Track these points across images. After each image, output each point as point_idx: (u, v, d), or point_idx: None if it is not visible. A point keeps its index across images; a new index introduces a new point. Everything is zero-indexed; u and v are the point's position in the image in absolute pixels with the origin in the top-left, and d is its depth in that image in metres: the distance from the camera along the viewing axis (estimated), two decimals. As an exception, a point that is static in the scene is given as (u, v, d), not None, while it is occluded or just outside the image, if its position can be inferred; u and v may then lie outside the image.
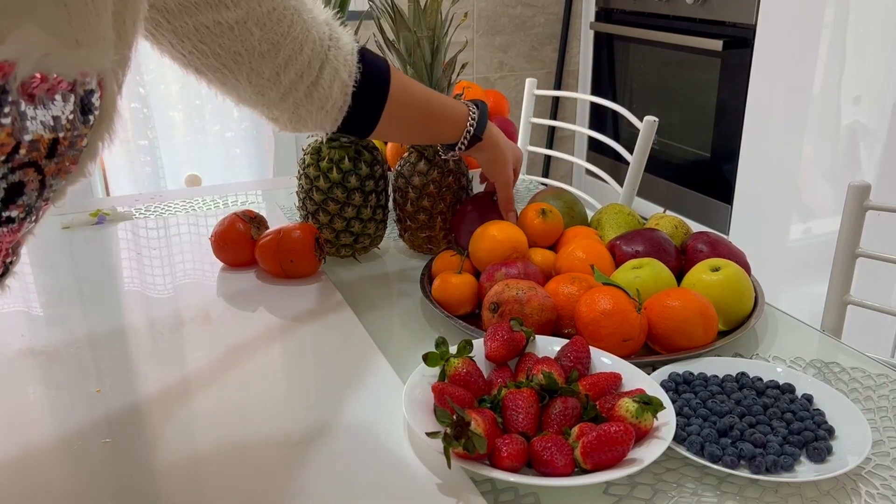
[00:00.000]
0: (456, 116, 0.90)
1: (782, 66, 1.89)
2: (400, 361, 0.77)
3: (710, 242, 0.89)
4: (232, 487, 0.60)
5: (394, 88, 0.82)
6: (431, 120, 0.88)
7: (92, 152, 0.46)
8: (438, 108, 0.89)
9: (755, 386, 0.70)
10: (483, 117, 0.91)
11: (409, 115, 0.86)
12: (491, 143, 0.94)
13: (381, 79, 0.81)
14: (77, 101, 0.41)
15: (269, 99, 0.76)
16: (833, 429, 0.64)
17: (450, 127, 0.90)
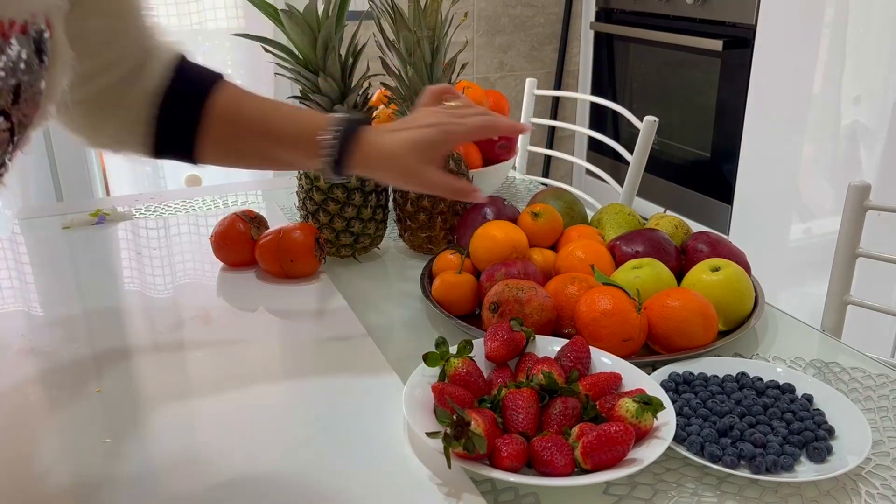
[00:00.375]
0: (308, 136, 0.71)
1: (782, 66, 1.89)
2: (400, 361, 0.77)
3: (710, 242, 0.89)
4: (232, 487, 0.59)
5: (219, 103, 0.71)
6: (271, 142, 0.73)
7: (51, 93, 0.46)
8: (282, 126, 0.73)
9: (755, 386, 0.70)
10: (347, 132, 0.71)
11: (239, 135, 0.73)
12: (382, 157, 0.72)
13: (195, 91, 0.71)
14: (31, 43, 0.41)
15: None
16: (833, 429, 0.64)
17: (301, 151, 0.72)
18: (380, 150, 0.71)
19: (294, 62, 0.93)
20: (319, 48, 0.90)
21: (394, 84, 0.97)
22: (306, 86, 0.94)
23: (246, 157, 0.75)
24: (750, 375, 0.72)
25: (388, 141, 0.72)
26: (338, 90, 0.93)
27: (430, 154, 0.72)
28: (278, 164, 0.78)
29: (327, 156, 0.71)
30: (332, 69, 0.92)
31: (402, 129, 0.72)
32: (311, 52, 0.91)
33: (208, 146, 0.72)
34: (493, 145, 1.20)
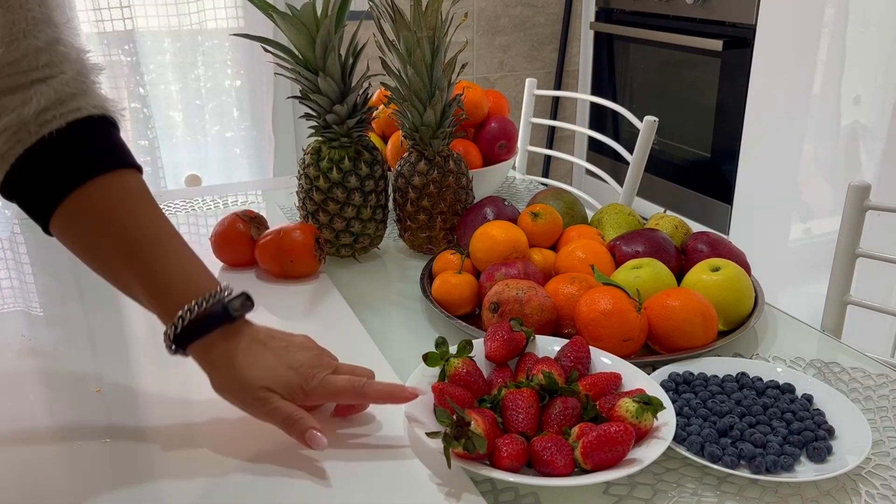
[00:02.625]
0: (165, 294, 0.62)
1: (782, 66, 1.89)
2: (400, 361, 0.77)
3: (710, 242, 0.89)
4: (232, 487, 0.59)
5: (100, 190, 0.60)
6: (129, 268, 0.62)
7: None
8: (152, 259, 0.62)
9: (755, 386, 0.70)
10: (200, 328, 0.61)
11: (96, 239, 0.62)
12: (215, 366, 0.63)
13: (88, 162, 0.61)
14: None
15: None
16: (833, 429, 0.64)
17: (151, 303, 0.63)
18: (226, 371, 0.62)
19: (294, 62, 0.93)
20: (319, 48, 0.90)
21: (394, 84, 0.97)
22: (306, 86, 0.94)
23: (97, 260, 0.64)
24: (750, 375, 0.72)
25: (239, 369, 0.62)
26: (337, 90, 0.93)
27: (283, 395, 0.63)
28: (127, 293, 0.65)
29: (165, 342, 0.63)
30: (331, 69, 0.92)
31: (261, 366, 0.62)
32: (310, 52, 0.91)
33: (64, 229, 0.62)
34: (493, 145, 1.20)
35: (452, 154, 1.02)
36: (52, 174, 0.60)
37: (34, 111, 0.59)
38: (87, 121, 0.61)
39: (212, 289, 0.63)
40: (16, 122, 0.59)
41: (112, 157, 0.62)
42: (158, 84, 2.24)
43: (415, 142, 1.00)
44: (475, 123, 1.22)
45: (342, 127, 0.95)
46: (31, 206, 0.62)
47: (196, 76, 2.26)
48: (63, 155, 0.60)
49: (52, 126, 0.60)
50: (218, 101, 2.32)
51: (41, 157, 0.60)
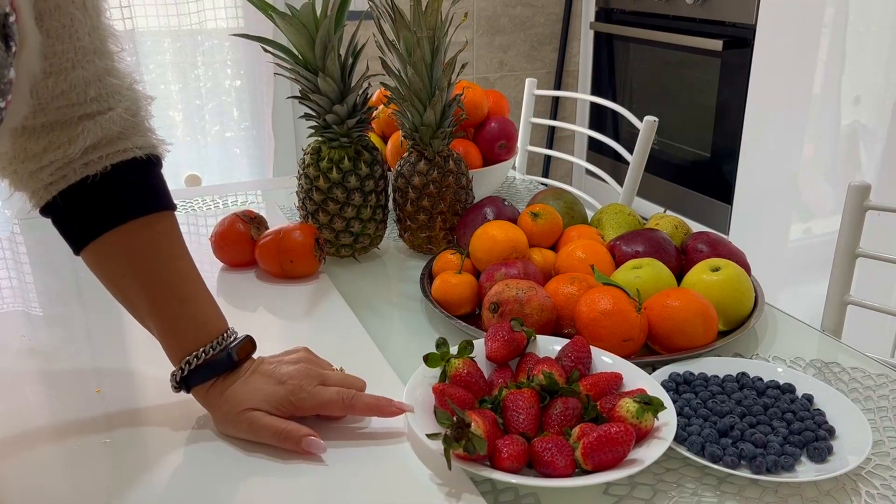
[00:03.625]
0: (177, 342, 0.65)
1: (782, 66, 1.89)
2: (400, 361, 0.77)
3: (710, 242, 0.89)
4: (231, 488, 0.59)
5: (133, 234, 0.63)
6: (148, 314, 0.66)
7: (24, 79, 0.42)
8: (165, 311, 0.65)
9: (755, 386, 0.70)
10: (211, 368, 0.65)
11: (123, 280, 0.65)
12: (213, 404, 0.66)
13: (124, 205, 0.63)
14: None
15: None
16: (833, 429, 0.64)
17: (165, 346, 0.66)
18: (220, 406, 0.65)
19: (293, 62, 0.93)
20: (318, 48, 0.90)
21: (394, 84, 0.97)
22: (306, 86, 0.94)
23: (122, 297, 0.67)
24: (750, 375, 0.72)
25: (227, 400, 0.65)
26: (337, 90, 0.93)
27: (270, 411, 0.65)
28: (145, 326, 0.68)
29: (172, 382, 0.66)
30: (331, 69, 0.92)
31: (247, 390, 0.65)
32: (310, 52, 0.91)
33: (94, 260, 0.66)
34: (493, 145, 1.20)
35: (452, 154, 1.02)
36: (90, 212, 0.63)
37: (80, 150, 0.60)
38: (131, 163, 0.63)
39: (219, 334, 0.66)
40: (61, 159, 0.60)
41: (149, 200, 0.65)
42: (158, 84, 2.24)
43: (415, 142, 1.00)
44: (475, 123, 1.22)
45: (342, 127, 0.95)
46: (65, 232, 0.66)
47: (196, 76, 2.26)
48: (103, 197, 0.62)
49: (95, 168, 0.61)
50: (218, 101, 2.32)
51: (82, 196, 0.62)
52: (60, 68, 0.57)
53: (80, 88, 0.59)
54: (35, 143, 0.60)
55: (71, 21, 0.56)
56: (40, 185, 0.62)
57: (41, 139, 0.60)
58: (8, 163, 0.63)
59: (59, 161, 0.60)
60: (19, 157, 0.61)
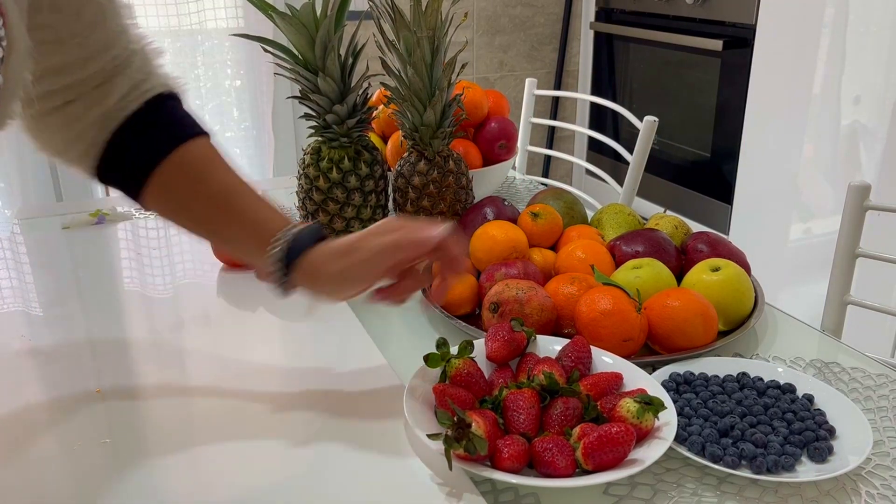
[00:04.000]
0: (258, 234, 0.66)
1: (782, 66, 1.89)
2: (400, 362, 0.77)
3: (710, 242, 0.89)
4: (232, 488, 0.59)
5: (185, 158, 0.66)
6: (223, 224, 0.68)
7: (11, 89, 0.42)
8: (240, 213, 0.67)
9: (756, 386, 0.70)
10: (300, 241, 0.65)
11: (192, 200, 0.67)
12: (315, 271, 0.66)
13: (169, 134, 0.66)
14: None
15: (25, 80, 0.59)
16: (834, 429, 0.64)
17: (249, 246, 0.67)
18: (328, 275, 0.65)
19: (293, 62, 0.93)
20: (318, 48, 0.90)
21: (394, 84, 0.97)
22: (306, 86, 0.94)
23: (193, 222, 0.69)
24: (751, 375, 0.72)
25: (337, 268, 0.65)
26: (337, 90, 0.93)
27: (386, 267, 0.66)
28: (223, 245, 0.73)
29: (273, 265, 0.66)
30: (331, 69, 0.92)
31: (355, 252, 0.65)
32: (310, 53, 0.91)
33: (158, 196, 0.67)
34: (493, 145, 1.20)
35: (452, 154, 1.02)
36: (141, 150, 0.66)
37: (116, 100, 0.64)
38: (159, 98, 0.67)
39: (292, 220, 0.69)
40: (102, 114, 0.65)
41: (189, 126, 0.69)
42: (158, 84, 2.24)
43: (415, 142, 1.00)
44: (475, 123, 1.22)
45: (342, 127, 0.95)
46: (124, 181, 0.68)
47: (196, 76, 2.25)
48: (147, 130, 0.66)
49: (131, 108, 0.65)
50: (218, 101, 2.32)
51: (129, 135, 0.66)
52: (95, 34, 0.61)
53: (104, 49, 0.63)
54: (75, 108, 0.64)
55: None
56: (87, 144, 0.65)
57: (78, 104, 0.64)
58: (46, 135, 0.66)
59: (100, 117, 0.64)
60: (57, 128, 0.65)
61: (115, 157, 0.66)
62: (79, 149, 0.66)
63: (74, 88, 0.64)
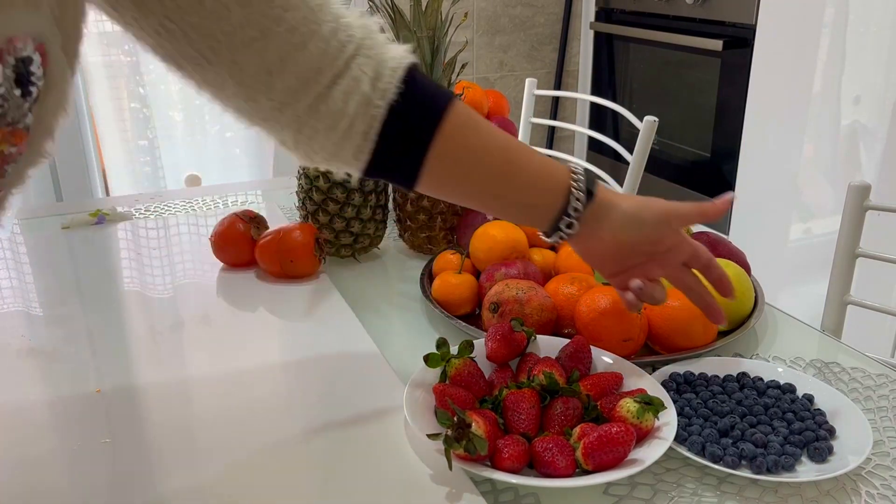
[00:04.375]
0: (548, 173, 0.66)
1: (782, 66, 1.89)
2: (400, 361, 0.77)
3: (710, 242, 0.89)
4: (232, 488, 0.59)
5: (452, 125, 0.62)
6: (509, 179, 0.66)
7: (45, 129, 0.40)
8: (522, 160, 0.66)
9: (756, 386, 0.70)
10: (590, 181, 0.67)
11: (474, 163, 0.65)
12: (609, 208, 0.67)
13: (430, 107, 0.62)
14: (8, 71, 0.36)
15: (262, 108, 0.60)
16: (834, 429, 0.64)
17: (540, 188, 0.66)
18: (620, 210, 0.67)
19: (294, 62, 0.93)
20: (319, 48, 0.90)
21: (394, 84, 0.96)
22: (306, 86, 0.94)
23: (476, 189, 0.67)
24: (751, 375, 0.72)
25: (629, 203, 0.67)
26: (338, 90, 0.93)
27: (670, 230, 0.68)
28: (504, 207, 0.69)
29: (572, 204, 0.65)
30: (332, 69, 0.92)
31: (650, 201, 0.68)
32: (311, 52, 0.91)
33: (436, 171, 0.63)
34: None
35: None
36: (410, 131, 0.62)
37: (369, 83, 0.60)
38: (406, 73, 0.61)
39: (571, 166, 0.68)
40: (362, 102, 0.60)
41: (443, 92, 0.64)
42: (158, 84, 2.24)
43: (415, 142, 1.00)
44: (475, 123, 1.21)
45: (342, 127, 0.95)
46: (398, 167, 0.64)
47: (196, 76, 2.25)
48: (413, 109, 0.62)
49: (391, 93, 0.60)
50: (218, 101, 2.32)
51: (397, 118, 0.61)
52: (309, 34, 0.57)
53: (334, 38, 0.58)
54: (329, 105, 0.60)
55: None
56: (358, 138, 0.61)
57: (333, 101, 0.60)
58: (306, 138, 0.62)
59: (361, 105, 0.60)
60: (322, 131, 0.61)
61: (386, 146, 0.62)
62: (349, 145, 0.62)
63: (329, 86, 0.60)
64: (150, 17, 0.54)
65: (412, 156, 0.63)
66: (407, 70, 0.61)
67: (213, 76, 0.57)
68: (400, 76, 0.61)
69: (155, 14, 0.54)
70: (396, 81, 0.60)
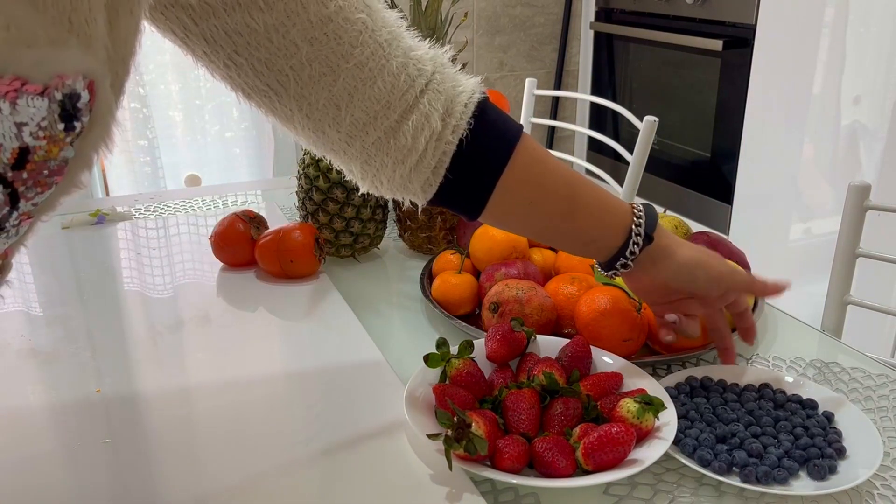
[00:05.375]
0: (610, 212, 0.66)
1: (782, 66, 1.89)
2: (400, 361, 0.77)
3: (710, 242, 0.89)
4: (231, 488, 0.59)
5: (521, 159, 0.63)
6: (572, 214, 0.66)
7: (83, 162, 0.41)
8: (586, 196, 0.66)
9: (775, 398, 0.68)
10: (652, 217, 0.67)
11: (539, 198, 0.65)
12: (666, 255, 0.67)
13: (500, 141, 0.62)
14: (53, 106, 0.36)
15: (330, 140, 0.60)
16: (844, 449, 0.62)
17: (601, 226, 0.67)
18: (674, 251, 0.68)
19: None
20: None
21: (394, 84, 0.97)
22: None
23: (540, 222, 0.67)
24: (773, 387, 0.70)
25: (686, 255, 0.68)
26: (338, 90, 0.93)
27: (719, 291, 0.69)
28: (564, 239, 0.69)
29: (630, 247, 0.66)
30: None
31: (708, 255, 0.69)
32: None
33: (501, 203, 0.64)
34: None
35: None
36: (479, 167, 0.62)
37: (439, 119, 0.60)
38: (477, 107, 0.62)
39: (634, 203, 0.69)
40: (432, 137, 0.60)
41: (513, 125, 0.64)
42: (158, 84, 2.24)
43: (415, 142, 1.00)
44: (475, 123, 1.21)
45: (342, 127, 0.95)
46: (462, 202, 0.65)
47: (196, 76, 2.26)
48: (480, 146, 0.62)
49: (462, 129, 0.61)
50: (218, 101, 2.32)
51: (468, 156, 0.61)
52: (378, 69, 0.57)
53: (403, 72, 0.59)
54: (399, 140, 0.60)
55: (364, 26, 0.56)
56: (427, 172, 0.61)
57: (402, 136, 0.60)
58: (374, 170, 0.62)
59: (433, 139, 0.60)
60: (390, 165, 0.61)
61: (455, 180, 0.62)
62: (418, 178, 0.62)
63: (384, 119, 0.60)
64: (219, 52, 0.55)
65: (480, 189, 0.63)
66: (478, 105, 0.61)
67: (282, 108, 0.58)
68: (472, 111, 0.61)
69: (224, 49, 0.55)
70: (468, 117, 0.61)
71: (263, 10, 0.53)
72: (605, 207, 0.66)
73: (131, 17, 0.41)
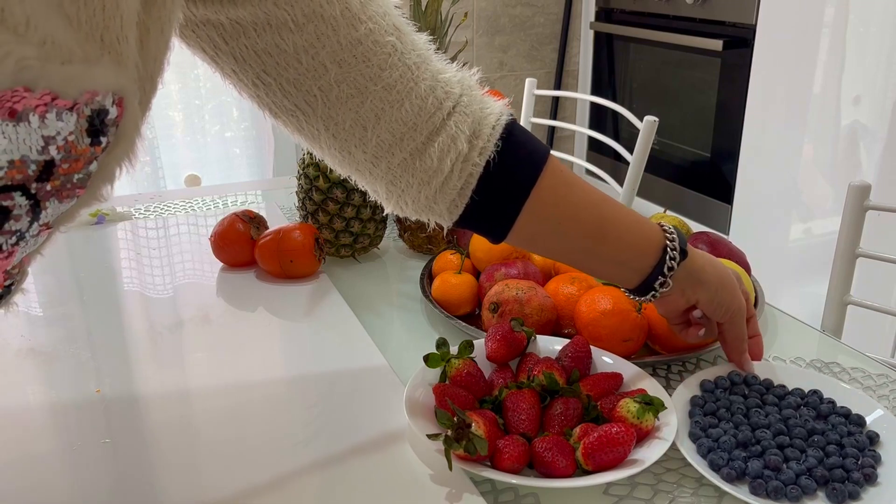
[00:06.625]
0: (641, 232, 0.65)
1: (782, 66, 1.89)
2: (400, 361, 0.77)
3: (710, 242, 0.89)
4: (231, 488, 0.59)
5: (548, 182, 0.62)
6: (602, 236, 0.65)
7: (106, 176, 0.41)
8: (615, 218, 0.65)
9: (819, 408, 0.65)
10: (682, 240, 0.66)
11: (567, 220, 0.64)
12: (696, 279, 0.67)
13: (527, 163, 0.62)
14: (81, 121, 0.36)
15: (356, 160, 0.60)
16: (876, 475, 0.57)
17: (633, 246, 0.65)
18: (703, 272, 0.67)
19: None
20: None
21: (394, 84, 0.97)
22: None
23: (563, 249, 0.66)
24: (824, 396, 0.67)
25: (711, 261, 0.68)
26: (338, 90, 0.93)
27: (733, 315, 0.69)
28: (593, 263, 0.67)
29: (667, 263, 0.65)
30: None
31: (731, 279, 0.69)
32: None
33: (527, 227, 0.63)
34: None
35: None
36: (505, 189, 0.62)
37: (465, 141, 0.60)
38: (504, 130, 0.61)
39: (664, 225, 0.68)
40: (458, 159, 0.60)
41: (540, 148, 0.63)
42: (158, 84, 2.23)
43: (415, 142, 1.00)
44: (475, 123, 1.21)
45: (342, 127, 0.95)
46: (487, 223, 0.64)
47: (196, 76, 2.26)
48: (507, 168, 0.61)
49: (489, 151, 0.60)
50: (218, 101, 2.32)
51: (494, 179, 0.61)
52: (406, 92, 0.57)
53: (430, 96, 0.58)
54: (424, 162, 0.60)
55: (393, 49, 0.56)
56: (453, 194, 0.61)
57: (428, 158, 0.59)
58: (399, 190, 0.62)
59: (458, 162, 0.60)
60: (416, 186, 0.61)
61: (481, 202, 0.62)
62: (443, 200, 0.62)
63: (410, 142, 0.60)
64: (248, 71, 0.56)
65: (506, 211, 0.62)
66: (505, 127, 0.61)
67: (309, 128, 0.58)
68: (499, 133, 0.61)
69: (253, 68, 0.55)
70: (495, 139, 0.60)
71: (293, 31, 0.53)
72: (635, 228, 0.65)
73: (162, 35, 0.41)
